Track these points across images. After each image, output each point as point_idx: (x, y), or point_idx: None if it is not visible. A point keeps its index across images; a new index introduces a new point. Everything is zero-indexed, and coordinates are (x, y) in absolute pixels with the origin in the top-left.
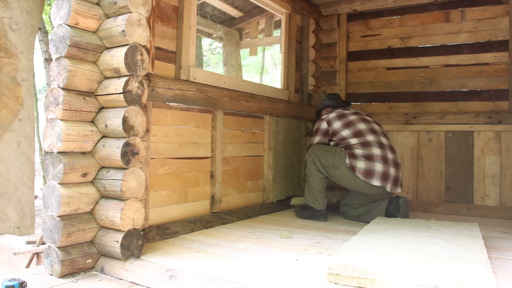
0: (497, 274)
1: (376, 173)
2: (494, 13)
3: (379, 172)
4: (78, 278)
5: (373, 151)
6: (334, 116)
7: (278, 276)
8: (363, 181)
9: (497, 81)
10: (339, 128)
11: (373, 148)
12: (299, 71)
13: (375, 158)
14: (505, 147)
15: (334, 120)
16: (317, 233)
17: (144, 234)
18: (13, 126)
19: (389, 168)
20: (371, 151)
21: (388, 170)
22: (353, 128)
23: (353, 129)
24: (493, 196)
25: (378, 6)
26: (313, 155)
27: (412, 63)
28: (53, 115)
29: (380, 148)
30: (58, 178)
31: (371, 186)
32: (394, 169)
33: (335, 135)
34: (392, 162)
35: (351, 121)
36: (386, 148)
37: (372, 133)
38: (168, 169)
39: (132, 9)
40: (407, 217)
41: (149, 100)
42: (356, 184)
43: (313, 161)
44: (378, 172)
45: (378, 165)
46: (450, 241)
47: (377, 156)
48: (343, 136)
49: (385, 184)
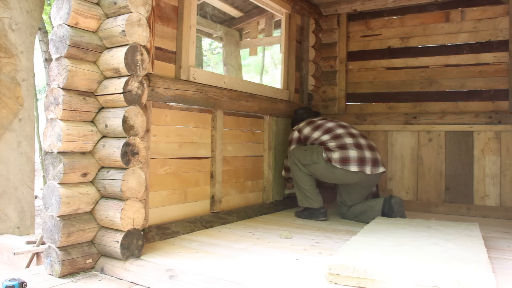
0: (497, 274)
1: (352, 159)
2: (494, 13)
3: (355, 158)
4: (78, 278)
5: (345, 141)
6: (303, 125)
7: (278, 276)
8: (340, 169)
9: (497, 81)
10: (309, 132)
11: (345, 138)
12: (299, 71)
13: (348, 146)
14: (505, 147)
15: (304, 127)
16: (317, 233)
17: (144, 234)
18: (13, 126)
19: (363, 152)
20: (343, 141)
21: (363, 154)
22: (322, 128)
23: (323, 128)
24: (493, 196)
25: (378, 6)
26: (292, 157)
27: (412, 63)
28: (53, 115)
29: (351, 137)
30: (58, 178)
31: (350, 173)
32: (370, 151)
33: (307, 140)
34: (366, 146)
35: (320, 124)
36: (357, 136)
37: (341, 127)
38: (168, 169)
39: (132, 9)
40: (403, 217)
41: (149, 100)
42: (336, 174)
43: (294, 162)
44: (353, 158)
45: (352, 152)
46: (450, 241)
47: (350, 144)
48: (314, 137)
49: (363, 168)
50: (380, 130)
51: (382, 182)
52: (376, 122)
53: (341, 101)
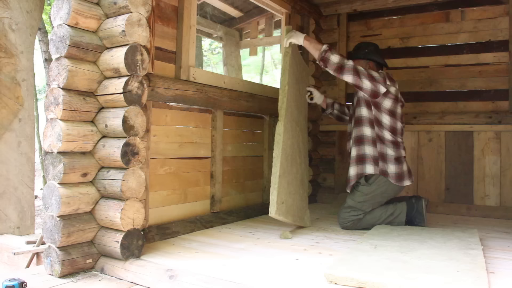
0: (497, 274)
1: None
2: (494, 13)
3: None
4: (78, 278)
5: (402, 153)
6: (388, 78)
7: (278, 276)
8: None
9: (497, 81)
10: (392, 105)
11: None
12: None
13: (403, 159)
14: (505, 147)
15: (390, 85)
16: (317, 233)
17: (144, 234)
18: (13, 126)
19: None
20: (401, 152)
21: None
22: (398, 114)
23: (398, 115)
24: (493, 196)
25: (378, 6)
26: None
27: (412, 63)
28: (53, 115)
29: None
30: (58, 178)
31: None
32: None
33: (386, 110)
34: None
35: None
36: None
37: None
38: (168, 169)
39: (132, 9)
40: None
41: (149, 100)
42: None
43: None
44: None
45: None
46: (452, 258)
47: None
48: (386, 123)
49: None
50: None
51: None
52: None
53: (341, 101)
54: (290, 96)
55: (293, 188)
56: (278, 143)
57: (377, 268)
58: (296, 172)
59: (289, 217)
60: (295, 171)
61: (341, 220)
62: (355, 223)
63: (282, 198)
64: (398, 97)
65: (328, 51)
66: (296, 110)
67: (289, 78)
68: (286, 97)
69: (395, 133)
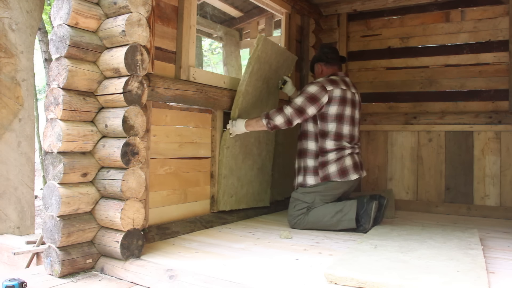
0: (497, 274)
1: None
2: (494, 13)
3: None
4: (78, 278)
5: (344, 144)
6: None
7: (278, 276)
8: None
9: (497, 81)
10: (330, 117)
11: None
12: (299, 71)
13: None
14: (505, 147)
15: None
16: (317, 233)
17: (144, 234)
18: (13, 126)
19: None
20: (343, 144)
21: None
22: (343, 117)
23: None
24: (493, 196)
25: (378, 6)
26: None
27: (412, 63)
28: (53, 115)
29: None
30: (58, 178)
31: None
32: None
33: (324, 117)
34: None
35: (343, 99)
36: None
37: (352, 122)
38: (168, 169)
39: (132, 9)
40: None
41: (149, 100)
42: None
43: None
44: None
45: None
46: (452, 258)
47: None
48: (328, 129)
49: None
50: (380, 130)
51: (382, 182)
52: (376, 122)
53: None
54: (245, 99)
55: (247, 179)
56: (222, 147)
57: (377, 268)
58: (253, 163)
59: (242, 205)
60: (251, 163)
61: (289, 218)
62: (302, 219)
63: (231, 193)
64: (345, 98)
65: (269, 119)
66: (254, 108)
67: (246, 85)
68: (240, 99)
69: (339, 139)
